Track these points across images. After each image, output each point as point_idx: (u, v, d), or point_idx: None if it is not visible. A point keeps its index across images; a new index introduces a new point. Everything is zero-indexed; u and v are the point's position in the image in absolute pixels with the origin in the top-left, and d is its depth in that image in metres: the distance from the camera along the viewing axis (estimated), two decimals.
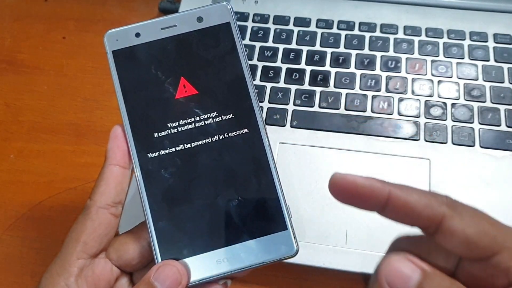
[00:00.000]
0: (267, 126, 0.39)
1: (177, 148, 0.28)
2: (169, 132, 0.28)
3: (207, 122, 0.28)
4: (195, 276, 0.26)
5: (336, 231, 0.34)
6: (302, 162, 0.37)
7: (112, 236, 0.27)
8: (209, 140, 0.28)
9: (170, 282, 0.25)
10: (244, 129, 0.28)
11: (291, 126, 0.39)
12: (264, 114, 0.39)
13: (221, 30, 0.29)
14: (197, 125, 0.28)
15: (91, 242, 0.26)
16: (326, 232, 0.34)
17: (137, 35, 0.29)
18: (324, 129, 0.38)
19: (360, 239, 0.34)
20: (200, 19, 0.29)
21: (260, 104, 0.40)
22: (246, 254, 0.26)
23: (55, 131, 0.44)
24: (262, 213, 0.27)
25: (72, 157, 0.43)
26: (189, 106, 0.28)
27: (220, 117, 0.28)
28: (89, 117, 0.45)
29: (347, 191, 0.20)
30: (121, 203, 0.28)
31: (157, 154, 0.28)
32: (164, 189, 0.27)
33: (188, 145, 0.28)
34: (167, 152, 0.27)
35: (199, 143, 0.28)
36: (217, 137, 0.28)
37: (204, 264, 0.26)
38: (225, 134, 0.28)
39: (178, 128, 0.28)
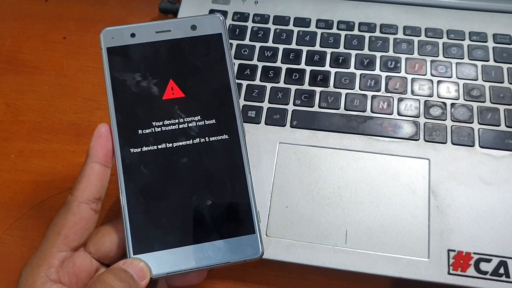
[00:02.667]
0: (267, 126, 0.39)
1: (159, 147, 0.29)
2: (153, 131, 0.29)
3: (190, 124, 0.29)
4: (163, 269, 0.27)
5: (336, 231, 0.34)
6: (302, 162, 0.37)
7: (92, 231, 0.28)
8: (190, 142, 0.29)
9: (138, 271, 0.26)
10: (224, 135, 0.29)
11: (291, 126, 0.39)
12: (264, 114, 0.39)
13: (213, 40, 0.30)
14: (180, 126, 0.29)
15: (72, 235, 0.27)
16: (326, 232, 0.34)
17: (132, 35, 0.30)
18: (324, 129, 0.38)
19: (360, 239, 0.34)
20: (194, 27, 0.30)
21: (260, 104, 0.40)
22: (214, 253, 0.28)
23: (56, 131, 0.44)
24: (233, 216, 0.28)
25: (72, 157, 0.43)
26: (174, 108, 0.29)
27: (203, 121, 0.29)
28: (89, 117, 0.45)
29: None
30: (101, 199, 0.29)
31: (139, 150, 0.29)
32: (142, 184, 0.28)
33: (170, 145, 0.29)
34: (149, 149, 0.29)
35: (180, 143, 0.29)
36: (198, 140, 0.29)
37: (173, 259, 0.27)
38: (206, 138, 0.29)
39: (162, 127, 0.29)
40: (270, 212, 0.35)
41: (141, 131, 0.29)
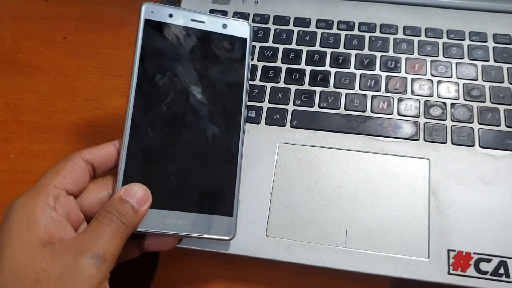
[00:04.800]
0: (267, 126, 0.39)
1: (167, 117, 0.31)
2: (165, 103, 0.31)
3: (200, 108, 0.32)
4: (143, 226, 0.28)
5: (336, 231, 0.34)
6: (302, 162, 0.37)
7: (84, 188, 0.29)
8: (197, 121, 0.32)
9: (140, 196, 0.28)
10: (228, 124, 0.32)
11: (291, 126, 0.39)
12: (264, 114, 0.39)
13: (238, 41, 0.34)
14: (192, 107, 0.32)
15: (69, 178, 0.28)
16: (326, 232, 0.34)
17: (170, 15, 0.33)
18: (324, 129, 0.38)
19: (360, 239, 0.34)
20: (225, 26, 0.34)
21: (260, 104, 0.40)
22: (193, 224, 0.30)
23: (56, 131, 0.44)
24: (218, 195, 0.31)
25: None
26: (190, 90, 0.32)
27: (212, 107, 0.32)
28: (89, 117, 0.45)
29: None
30: (99, 170, 0.30)
31: (150, 114, 0.31)
32: (145, 143, 0.30)
33: (178, 119, 0.31)
34: (159, 116, 0.31)
35: (187, 121, 0.31)
36: (204, 122, 0.32)
37: (154, 219, 0.29)
38: (211, 124, 0.32)
39: (175, 103, 0.31)
40: (270, 212, 0.35)
41: (155, 99, 0.31)
